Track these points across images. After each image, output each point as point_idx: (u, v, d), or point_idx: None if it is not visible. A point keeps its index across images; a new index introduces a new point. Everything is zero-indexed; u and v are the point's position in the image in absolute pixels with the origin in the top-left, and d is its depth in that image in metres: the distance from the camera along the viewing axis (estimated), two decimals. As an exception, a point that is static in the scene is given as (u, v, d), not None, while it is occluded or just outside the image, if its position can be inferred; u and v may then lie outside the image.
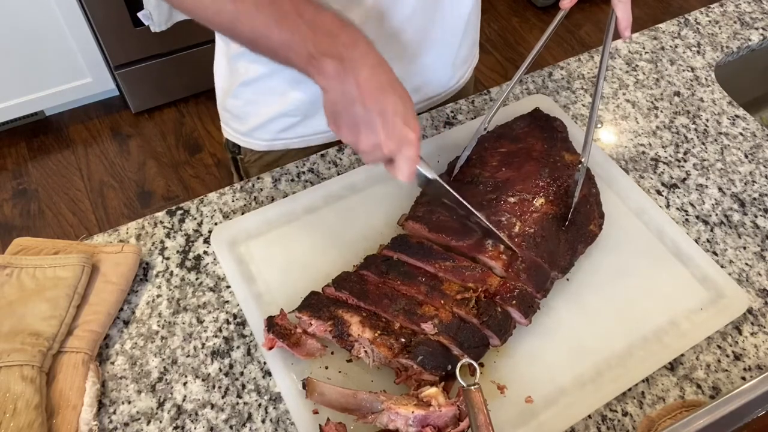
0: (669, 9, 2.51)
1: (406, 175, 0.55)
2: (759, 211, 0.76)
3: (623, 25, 0.66)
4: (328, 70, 0.51)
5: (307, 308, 0.61)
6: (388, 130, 0.52)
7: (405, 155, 0.54)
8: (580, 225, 0.67)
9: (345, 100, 0.52)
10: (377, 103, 0.52)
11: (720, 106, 0.88)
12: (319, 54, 0.51)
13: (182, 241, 0.71)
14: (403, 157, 0.54)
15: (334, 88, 0.52)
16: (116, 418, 0.59)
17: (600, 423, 0.60)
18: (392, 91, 0.53)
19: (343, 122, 0.54)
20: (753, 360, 0.64)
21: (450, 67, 0.84)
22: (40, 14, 1.69)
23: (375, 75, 0.52)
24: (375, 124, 0.52)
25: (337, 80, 0.51)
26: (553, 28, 0.68)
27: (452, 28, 0.79)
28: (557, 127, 0.75)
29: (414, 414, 0.52)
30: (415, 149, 0.54)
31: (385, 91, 0.52)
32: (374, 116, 0.52)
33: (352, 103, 0.52)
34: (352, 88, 0.51)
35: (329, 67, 0.51)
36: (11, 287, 0.63)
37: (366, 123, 0.52)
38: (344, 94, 0.52)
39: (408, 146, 0.54)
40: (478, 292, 0.60)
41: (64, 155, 1.97)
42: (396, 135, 0.53)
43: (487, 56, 2.33)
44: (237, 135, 0.87)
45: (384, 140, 0.53)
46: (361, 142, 0.53)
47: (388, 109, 0.52)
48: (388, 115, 0.52)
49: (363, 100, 0.51)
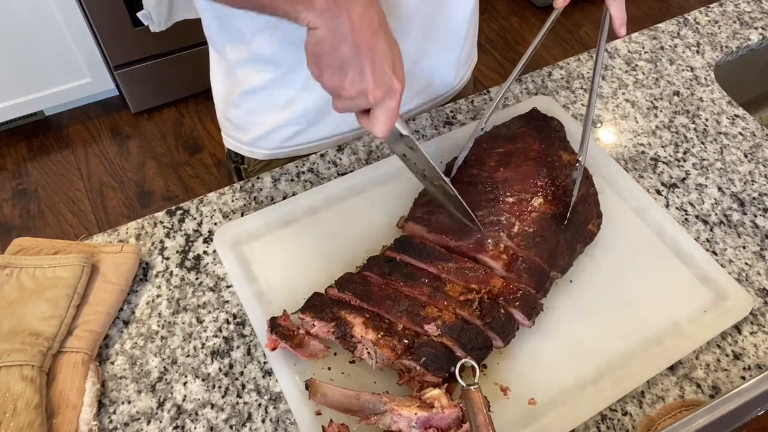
0: (668, 9, 2.51)
1: (386, 128, 0.52)
2: (758, 211, 0.76)
3: (618, 23, 0.65)
4: (319, 4, 0.47)
5: (310, 309, 0.61)
6: (376, 76, 0.49)
7: (387, 105, 0.51)
8: (579, 225, 0.67)
9: (334, 37, 0.48)
10: (368, 44, 0.48)
11: (719, 106, 0.88)
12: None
13: (182, 241, 0.71)
14: (384, 108, 0.51)
15: (323, 24, 0.47)
16: (116, 418, 0.59)
17: (600, 422, 0.60)
18: (383, 34, 0.50)
19: (327, 63, 0.49)
20: (753, 359, 0.64)
21: (453, 67, 0.84)
22: (40, 14, 1.69)
23: (368, 13, 0.48)
24: (364, 67, 0.49)
25: (328, 15, 0.47)
26: (548, 28, 0.68)
27: (456, 27, 0.79)
28: (555, 127, 0.75)
29: (417, 415, 0.52)
30: (398, 101, 0.51)
31: (377, 33, 0.49)
32: (363, 59, 0.48)
33: (342, 42, 0.48)
34: (344, 24, 0.47)
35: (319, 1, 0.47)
36: (11, 287, 0.63)
37: (354, 65, 0.48)
38: (334, 31, 0.47)
39: (392, 96, 0.51)
40: (481, 294, 0.60)
41: (63, 155, 1.97)
42: (384, 82, 0.50)
43: (487, 56, 2.34)
44: (239, 145, 0.86)
45: (372, 87, 0.49)
46: (346, 86, 0.50)
47: (378, 52, 0.49)
48: (377, 60, 0.49)
49: (354, 38, 0.47)
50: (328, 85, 0.51)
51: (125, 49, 1.84)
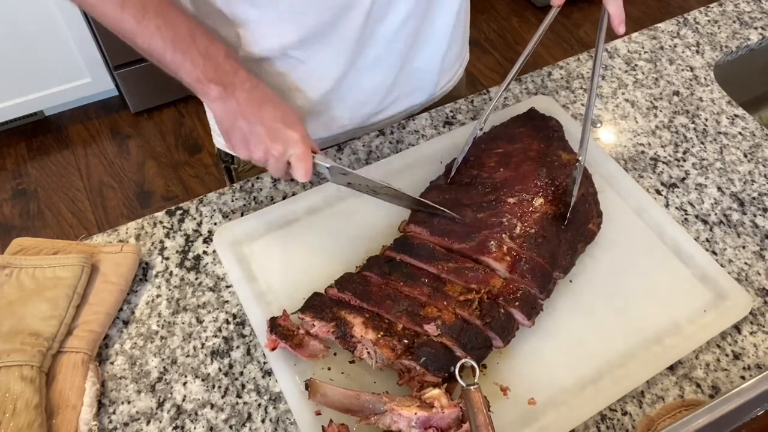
0: (668, 8, 2.51)
1: (302, 174, 0.60)
2: (758, 211, 0.76)
3: (616, 22, 0.65)
4: (212, 93, 0.59)
5: (310, 309, 0.61)
6: (271, 134, 0.58)
7: (294, 154, 0.59)
8: (579, 224, 0.67)
9: (230, 117, 0.60)
10: (256, 114, 0.59)
11: (719, 106, 0.88)
12: (205, 79, 0.58)
13: (182, 241, 0.71)
14: (293, 157, 0.59)
15: (219, 108, 0.60)
16: (116, 418, 0.59)
17: (600, 422, 0.60)
18: (268, 102, 0.60)
19: (234, 139, 0.61)
20: (752, 359, 0.64)
21: (438, 69, 0.84)
22: (40, 14, 1.69)
23: (252, 94, 0.59)
24: (259, 132, 0.59)
25: (221, 102, 0.59)
26: (546, 26, 0.68)
27: (441, 28, 0.79)
28: (553, 126, 0.75)
29: (417, 415, 0.52)
30: (301, 147, 0.59)
31: (262, 104, 0.59)
32: (256, 126, 0.59)
33: (236, 119, 0.59)
34: (233, 106, 0.59)
35: (213, 92, 0.59)
36: (11, 287, 0.63)
37: (251, 133, 0.59)
38: (227, 113, 0.60)
39: (293, 145, 0.59)
40: (481, 294, 0.60)
41: (63, 155, 1.97)
42: (280, 138, 0.59)
43: (486, 56, 2.34)
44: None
45: (270, 144, 0.58)
46: (253, 152, 0.60)
47: (267, 116, 0.59)
48: (267, 123, 0.59)
49: (243, 114, 0.59)
50: (242, 155, 0.62)
51: (125, 49, 1.81)
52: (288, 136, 0.59)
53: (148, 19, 0.57)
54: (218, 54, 0.59)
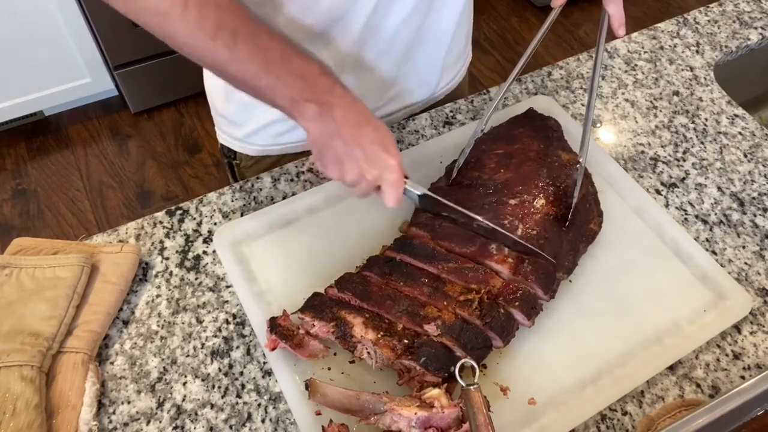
0: (668, 8, 2.51)
1: (393, 200, 0.58)
2: (758, 211, 0.77)
3: (617, 23, 0.66)
4: (309, 113, 0.57)
5: (310, 309, 0.61)
6: (368, 157, 0.57)
7: (388, 180, 0.57)
8: (581, 224, 0.67)
9: (325, 136, 0.57)
10: (354, 135, 0.57)
11: (719, 106, 0.88)
12: (301, 99, 0.56)
13: (182, 241, 0.71)
14: (386, 183, 0.58)
15: (315, 128, 0.57)
16: (116, 418, 0.59)
17: (600, 422, 0.60)
18: (367, 123, 0.58)
19: (327, 158, 0.59)
20: (752, 359, 0.64)
21: (440, 69, 0.84)
22: (39, 14, 1.69)
23: (349, 112, 0.57)
24: (355, 154, 0.57)
25: (318, 121, 0.57)
26: (547, 27, 0.68)
27: (443, 28, 0.79)
28: (552, 126, 0.75)
29: (417, 415, 0.52)
30: (396, 173, 0.57)
31: (361, 124, 0.57)
32: (353, 148, 0.57)
33: (332, 138, 0.57)
34: (331, 125, 0.56)
35: (310, 110, 0.56)
36: (11, 287, 0.63)
37: (347, 155, 0.57)
38: (324, 132, 0.57)
39: (389, 171, 0.57)
40: (480, 294, 0.60)
41: (63, 155, 1.96)
42: (376, 162, 0.57)
43: (486, 56, 2.34)
44: (232, 140, 0.86)
45: (366, 168, 0.57)
46: (347, 173, 0.58)
47: (365, 139, 0.57)
48: (365, 145, 0.57)
49: (341, 134, 0.56)
50: (333, 176, 0.59)
51: (125, 49, 1.84)
52: (385, 161, 0.57)
53: (240, 46, 0.56)
54: (313, 72, 0.58)
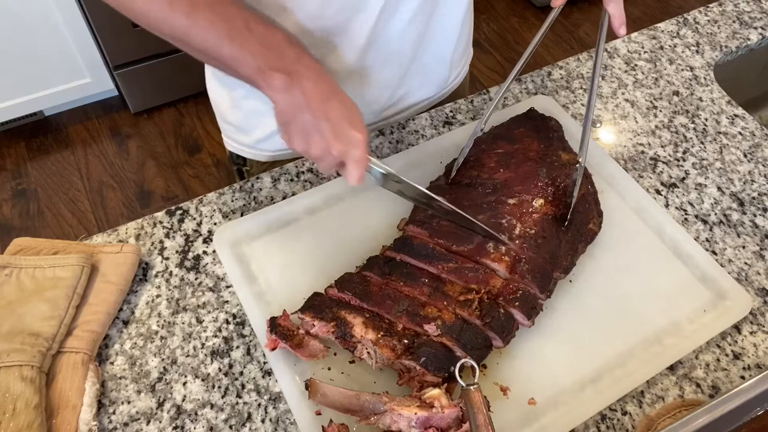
0: (668, 8, 2.51)
1: (355, 177, 0.57)
2: (758, 210, 0.77)
3: (617, 23, 0.65)
4: (276, 83, 0.54)
5: (310, 309, 0.61)
6: (335, 132, 0.55)
7: (353, 156, 0.56)
8: (580, 224, 0.67)
9: (293, 109, 0.55)
10: (322, 109, 0.55)
11: (719, 106, 0.88)
12: (267, 68, 0.54)
13: (181, 241, 0.71)
14: (351, 159, 0.56)
15: (282, 99, 0.55)
16: (116, 418, 0.59)
17: (599, 422, 0.60)
18: (335, 98, 0.56)
19: (293, 131, 0.57)
20: (752, 359, 0.64)
21: (447, 66, 0.85)
22: (39, 14, 1.69)
23: (318, 85, 0.55)
24: (323, 128, 0.55)
25: (285, 92, 0.55)
26: (547, 27, 0.68)
27: (449, 27, 0.79)
28: (552, 126, 0.75)
29: (417, 415, 0.52)
30: (362, 150, 0.56)
31: (329, 99, 0.56)
32: (321, 121, 0.55)
33: (300, 111, 0.55)
34: (299, 97, 0.54)
35: (277, 80, 0.54)
36: (11, 287, 0.63)
37: (314, 128, 0.55)
38: (292, 104, 0.55)
39: (355, 147, 0.56)
40: (480, 294, 0.60)
41: (63, 155, 1.96)
42: (343, 137, 0.55)
43: (486, 56, 2.34)
44: (242, 147, 0.86)
45: (332, 142, 0.55)
46: (312, 147, 0.56)
47: (333, 113, 0.55)
48: (333, 119, 0.55)
49: (310, 107, 0.55)
50: (298, 149, 0.58)
51: (125, 49, 1.84)
52: (351, 136, 0.56)
53: (198, 13, 0.54)
54: (280, 41, 0.55)
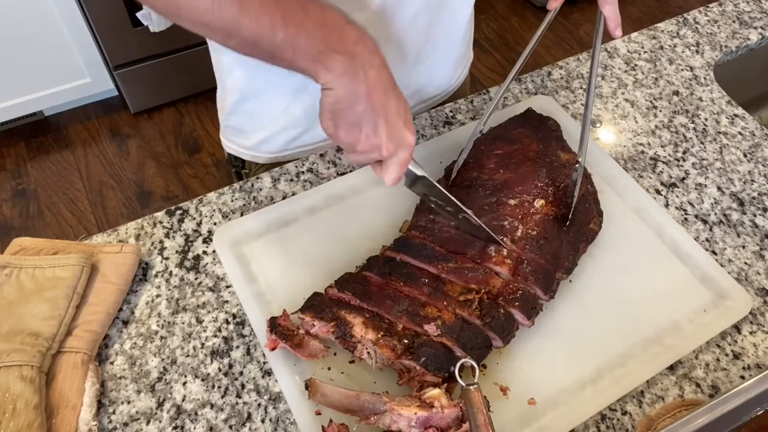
0: (668, 8, 2.51)
1: (394, 178, 0.55)
2: (758, 210, 0.77)
3: (613, 25, 0.65)
4: (337, 66, 0.49)
5: (310, 309, 0.61)
6: (390, 131, 0.52)
7: (399, 158, 0.54)
8: (581, 224, 0.67)
9: (351, 97, 0.51)
10: (382, 102, 0.51)
11: (719, 106, 0.88)
12: (328, 50, 0.49)
13: (181, 241, 0.71)
14: (396, 160, 0.54)
15: (341, 85, 0.50)
16: (116, 418, 0.59)
17: (599, 422, 0.60)
18: (394, 92, 0.53)
19: (344, 121, 0.52)
20: (752, 359, 0.64)
21: (451, 67, 0.85)
22: (39, 14, 1.69)
23: (381, 75, 0.51)
24: (379, 124, 0.52)
25: (347, 77, 0.50)
26: (544, 29, 0.68)
27: (455, 29, 0.79)
28: (551, 126, 0.75)
29: (417, 415, 0.52)
30: (410, 153, 0.55)
31: (389, 92, 0.52)
32: (378, 116, 0.51)
33: (357, 101, 0.51)
34: (361, 85, 0.50)
35: (338, 63, 0.49)
36: (10, 287, 0.63)
37: (369, 122, 0.51)
38: (351, 92, 0.50)
39: (405, 149, 0.54)
40: (480, 294, 0.60)
41: (63, 155, 1.96)
42: (396, 137, 0.53)
43: (486, 56, 2.33)
44: (241, 149, 0.86)
45: (385, 142, 0.52)
46: (361, 141, 0.53)
47: (391, 109, 0.52)
48: (391, 117, 0.52)
49: (370, 98, 0.50)
50: (343, 141, 0.53)
51: (125, 49, 1.84)
52: (404, 138, 0.53)
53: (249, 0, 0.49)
54: (338, 20, 0.50)
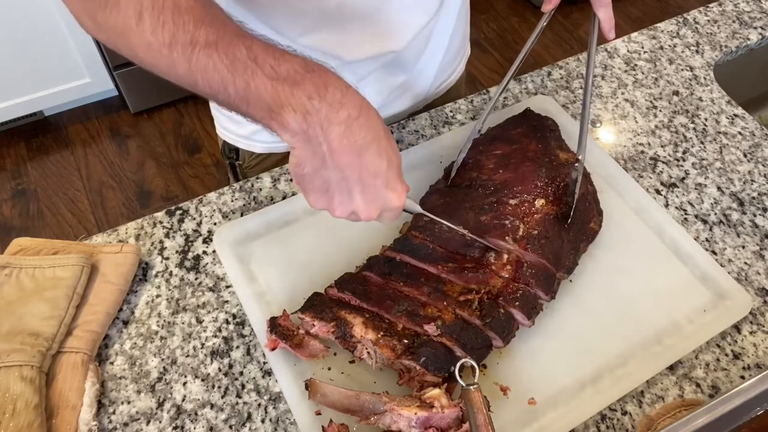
0: (668, 8, 2.51)
1: (389, 224, 0.52)
2: (758, 210, 0.77)
3: (607, 28, 0.66)
4: (291, 125, 0.43)
5: (310, 309, 0.61)
6: (367, 196, 0.46)
7: (386, 217, 0.50)
8: (581, 223, 0.67)
9: (313, 160, 0.44)
10: (353, 165, 0.44)
11: (719, 106, 0.88)
12: (278, 107, 0.43)
13: (181, 241, 0.71)
14: (387, 217, 0.50)
15: (298, 145, 0.44)
16: (116, 418, 0.59)
17: (599, 422, 0.60)
18: (373, 148, 0.45)
19: (311, 187, 0.46)
20: (752, 359, 0.64)
21: (439, 65, 0.84)
22: (39, 14, 1.69)
23: (349, 131, 0.43)
24: (352, 189, 0.45)
25: (303, 138, 0.43)
26: (539, 32, 0.68)
27: (443, 28, 0.79)
28: (549, 126, 0.75)
29: (417, 415, 0.52)
30: (399, 212, 0.49)
31: (363, 151, 0.44)
32: (349, 181, 0.45)
33: (321, 165, 0.44)
34: (321, 147, 0.43)
35: (291, 121, 0.42)
36: (10, 287, 0.63)
37: (339, 188, 0.45)
38: (312, 154, 0.44)
39: (391, 211, 0.48)
40: (480, 294, 0.60)
41: (63, 155, 1.97)
42: (377, 201, 0.46)
43: (486, 56, 2.34)
44: (235, 137, 0.85)
45: (362, 208, 0.46)
46: (336, 209, 0.47)
47: (366, 170, 0.45)
48: (366, 180, 0.45)
49: (335, 162, 0.43)
50: (317, 207, 0.48)
51: (124, 49, 1.84)
52: (386, 201, 0.46)
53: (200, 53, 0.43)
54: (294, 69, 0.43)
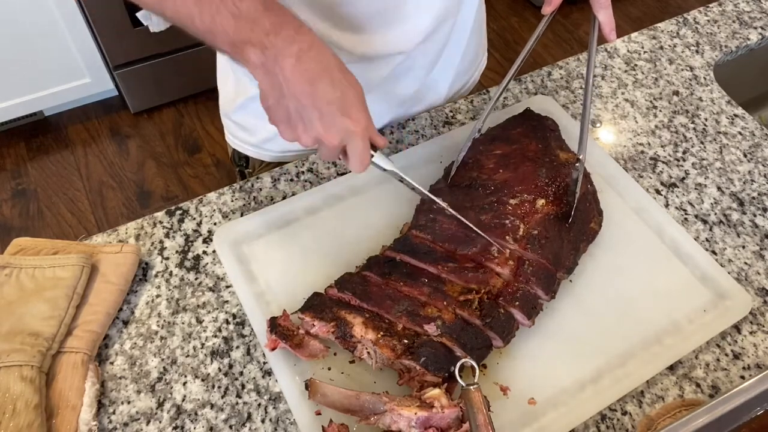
0: (668, 8, 2.51)
1: (359, 166, 0.52)
2: (758, 210, 0.77)
3: (607, 29, 0.66)
4: (252, 58, 0.47)
5: (310, 309, 0.61)
6: (325, 123, 0.49)
7: (351, 148, 0.51)
8: (581, 223, 0.67)
9: (274, 91, 0.48)
10: (307, 93, 0.48)
11: (719, 106, 0.88)
12: (239, 42, 0.47)
13: (181, 241, 0.71)
14: (350, 149, 0.51)
15: (263, 79, 0.48)
16: (116, 418, 0.59)
17: (599, 422, 0.60)
18: (326, 78, 0.48)
19: (277, 117, 0.50)
20: (752, 359, 0.64)
21: (453, 75, 0.85)
22: (39, 14, 1.69)
23: (300, 62, 0.47)
24: (309, 117, 0.49)
25: (263, 70, 0.48)
26: (539, 33, 0.68)
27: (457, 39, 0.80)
28: (549, 126, 0.75)
29: (417, 415, 0.52)
30: (359, 140, 0.51)
31: (315, 81, 0.48)
32: (306, 108, 0.48)
33: (281, 95, 0.48)
34: (278, 78, 0.47)
35: (252, 55, 0.47)
36: (10, 287, 0.63)
37: (300, 117, 0.49)
38: (272, 86, 0.48)
39: (352, 138, 0.50)
40: (480, 294, 0.60)
41: (63, 155, 1.96)
42: (335, 127, 0.49)
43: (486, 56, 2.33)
44: (246, 146, 0.86)
45: (323, 134, 0.49)
46: (301, 138, 0.50)
47: (321, 98, 0.48)
48: (322, 106, 0.48)
49: (291, 90, 0.48)
50: (286, 138, 0.51)
51: (124, 50, 1.84)
52: (345, 127, 0.49)
53: None
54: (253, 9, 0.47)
